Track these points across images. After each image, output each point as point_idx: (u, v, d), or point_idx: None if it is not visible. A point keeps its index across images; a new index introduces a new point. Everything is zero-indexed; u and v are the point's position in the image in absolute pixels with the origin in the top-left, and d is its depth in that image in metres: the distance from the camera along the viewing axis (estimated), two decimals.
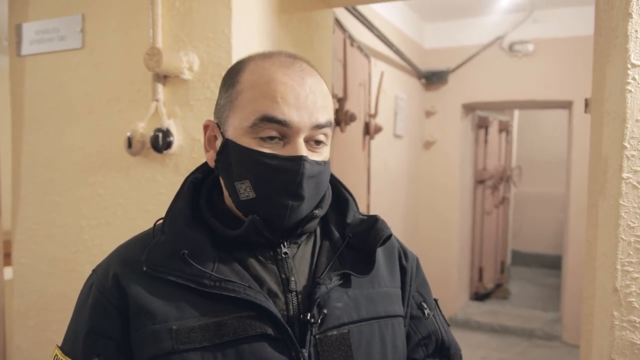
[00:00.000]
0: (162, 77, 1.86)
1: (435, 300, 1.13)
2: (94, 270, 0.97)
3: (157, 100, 1.86)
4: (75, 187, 2.06)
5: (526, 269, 7.77)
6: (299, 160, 0.87)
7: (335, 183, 1.05)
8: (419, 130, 5.28)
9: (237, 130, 0.89)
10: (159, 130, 1.84)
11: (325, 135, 0.92)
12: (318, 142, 0.91)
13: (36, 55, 2.13)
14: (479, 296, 6.07)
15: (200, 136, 1.83)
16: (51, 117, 2.10)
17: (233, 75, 0.93)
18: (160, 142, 1.83)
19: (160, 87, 1.86)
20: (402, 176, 4.76)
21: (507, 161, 6.57)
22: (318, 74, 0.94)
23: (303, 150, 0.88)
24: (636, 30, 1.34)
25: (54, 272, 2.13)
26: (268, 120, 0.86)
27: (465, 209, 5.60)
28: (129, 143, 1.86)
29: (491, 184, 6.20)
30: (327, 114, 0.91)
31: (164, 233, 0.92)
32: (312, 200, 0.93)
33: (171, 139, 1.84)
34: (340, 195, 1.05)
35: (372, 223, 0.99)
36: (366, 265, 0.96)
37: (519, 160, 7.24)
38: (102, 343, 0.89)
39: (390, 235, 0.99)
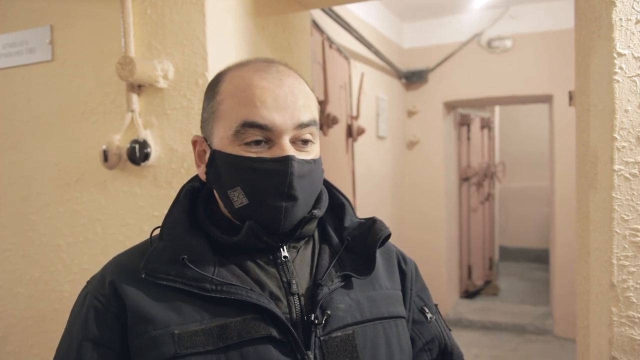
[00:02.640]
0: (137, 87, 1.80)
1: (436, 305, 1.12)
2: (88, 281, 0.94)
3: (132, 111, 1.80)
4: (51, 204, 1.99)
5: (514, 264, 7.79)
6: (286, 160, 0.86)
7: (329, 188, 1.04)
8: (402, 131, 5.26)
9: (222, 140, 0.89)
10: (135, 141, 1.78)
11: (312, 134, 0.91)
12: (305, 142, 0.91)
13: (4, 70, 2.05)
14: (469, 294, 6.06)
15: (178, 146, 1.78)
16: (23, 132, 2.03)
17: (213, 87, 0.94)
18: (138, 154, 1.77)
19: (135, 97, 1.80)
20: (386, 178, 4.73)
21: (490, 157, 6.58)
22: (297, 74, 0.94)
23: (289, 150, 0.87)
24: (621, 19, 1.31)
25: (33, 294, 2.05)
26: (250, 125, 0.86)
27: (451, 207, 5.59)
28: (105, 156, 1.80)
29: (476, 181, 6.20)
30: (309, 113, 0.91)
31: (163, 239, 0.91)
32: (307, 201, 0.92)
33: (148, 150, 1.78)
34: (336, 200, 1.04)
35: (370, 225, 0.99)
36: (366, 266, 0.95)
37: (501, 156, 7.27)
38: (98, 352, 0.86)
39: (389, 235, 0.99)
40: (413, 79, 5.22)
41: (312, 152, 0.92)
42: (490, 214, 6.62)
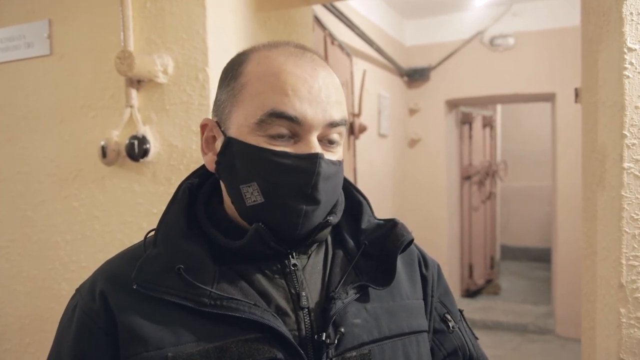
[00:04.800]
0: (136, 82, 1.77)
1: (461, 312, 1.03)
2: (77, 290, 0.86)
3: (131, 106, 1.77)
4: (49, 201, 1.96)
5: (515, 263, 7.77)
6: (315, 158, 0.78)
7: (346, 185, 0.94)
8: (403, 129, 5.23)
9: (241, 127, 0.80)
10: (134, 137, 1.75)
11: (340, 134, 0.83)
12: (332, 142, 0.82)
13: (2, 64, 2.02)
14: (470, 293, 6.03)
15: (178, 142, 1.75)
16: (20, 127, 2.00)
17: (235, 67, 0.84)
18: (136, 150, 1.74)
19: (134, 93, 1.77)
20: (388, 176, 4.70)
21: (492, 156, 6.55)
22: (329, 66, 0.85)
23: (317, 148, 0.79)
24: (631, 13, 1.28)
25: (30, 291, 2.03)
26: (277, 116, 0.77)
27: (452, 206, 5.56)
28: (104, 152, 1.77)
29: (477, 179, 6.17)
30: (341, 111, 0.82)
31: (157, 246, 0.82)
32: (327, 205, 0.83)
33: (147, 146, 1.75)
34: (353, 199, 0.95)
35: (391, 228, 0.90)
36: (385, 275, 0.86)
37: (503, 154, 7.24)
38: None
39: (411, 241, 0.90)
40: (415, 76, 5.20)
41: (337, 153, 0.84)
42: (491, 212, 6.59)
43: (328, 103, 0.80)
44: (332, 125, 0.80)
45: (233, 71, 0.84)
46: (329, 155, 0.81)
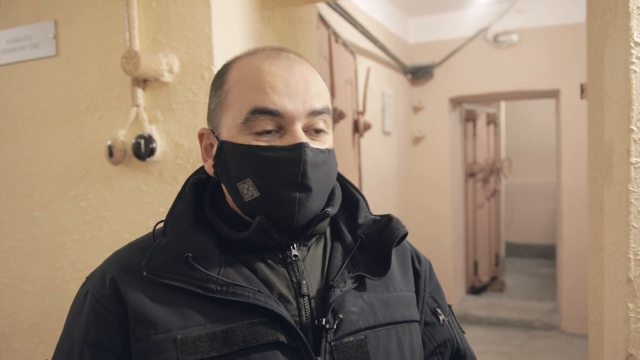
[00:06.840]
0: (142, 81, 1.78)
1: (450, 307, 1.07)
2: (88, 278, 0.90)
3: (137, 106, 1.78)
4: (56, 201, 1.97)
5: (520, 260, 7.76)
6: (299, 147, 0.82)
7: (343, 183, 1.00)
8: (407, 126, 5.23)
9: (231, 129, 0.86)
10: (140, 137, 1.76)
11: (325, 122, 0.87)
12: (318, 131, 0.87)
13: (8, 65, 2.03)
14: (475, 290, 6.03)
15: (184, 141, 1.76)
16: (27, 128, 2.01)
17: (220, 77, 0.90)
18: (143, 150, 1.75)
19: (140, 92, 1.78)
20: (392, 173, 4.70)
21: (496, 153, 6.54)
22: (308, 63, 0.90)
23: (302, 138, 0.83)
24: (638, 7, 1.28)
25: (39, 291, 2.04)
26: (260, 112, 0.82)
27: (457, 203, 5.56)
28: (110, 152, 1.78)
29: (482, 177, 6.16)
30: (322, 101, 0.87)
31: (166, 235, 0.86)
32: (322, 193, 0.88)
33: (154, 145, 1.76)
34: (350, 195, 1.00)
35: (386, 223, 0.95)
36: (381, 267, 0.91)
37: (507, 151, 7.23)
38: (100, 357, 0.82)
39: (406, 234, 0.94)
40: (419, 74, 5.19)
41: (325, 142, 0.87)
42: (496, 209, 6.59)
43: (307, 95, 0.84)
44: (315, 113, 0.85)
45: (219, 80, 0.90)
46: (316, 144, 0.85)
